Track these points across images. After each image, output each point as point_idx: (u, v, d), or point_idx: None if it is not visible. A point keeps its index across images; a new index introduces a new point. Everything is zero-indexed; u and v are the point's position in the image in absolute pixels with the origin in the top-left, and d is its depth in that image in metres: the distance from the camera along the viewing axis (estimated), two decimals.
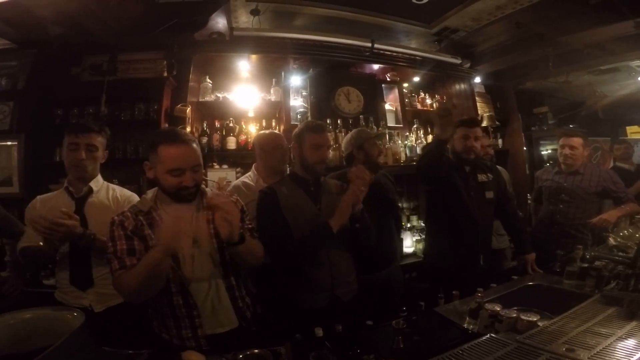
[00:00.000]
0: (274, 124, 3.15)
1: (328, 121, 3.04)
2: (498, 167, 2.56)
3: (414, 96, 3.76)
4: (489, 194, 2.13)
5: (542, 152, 4.64)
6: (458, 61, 3.60)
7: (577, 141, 2.54)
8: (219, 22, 2.63)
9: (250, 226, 1.49)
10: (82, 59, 2.85)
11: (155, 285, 1.22)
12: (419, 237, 3.06)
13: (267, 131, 2.49)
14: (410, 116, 3.58)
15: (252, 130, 3.10)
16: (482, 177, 2.14)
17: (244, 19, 2.74)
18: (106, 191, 1.76)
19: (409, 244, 3.09)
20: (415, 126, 3.50)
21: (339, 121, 3.15)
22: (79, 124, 1.75)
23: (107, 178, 1.84)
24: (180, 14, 2.43)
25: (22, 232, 1.73)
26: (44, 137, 2.69)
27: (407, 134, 3.43)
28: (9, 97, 2.76)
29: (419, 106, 3.73)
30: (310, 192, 1.71)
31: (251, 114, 3.12)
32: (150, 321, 1.39)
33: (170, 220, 1.20)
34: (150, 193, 1.40)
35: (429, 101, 3.81)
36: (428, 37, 3.15)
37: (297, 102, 3.18)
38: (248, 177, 2.19)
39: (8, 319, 1.13)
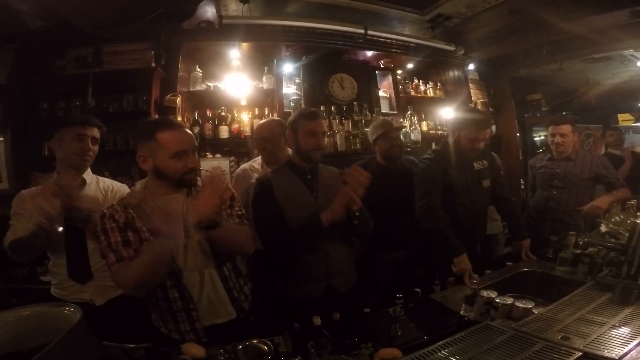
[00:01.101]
0: (266, 112, 3.11)
1: (322, 108, 3.02)
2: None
3: (408, 83, 3.74)
4: (486, 182, 2.11)
5: (535, 139, 4.67)
6: (452, 48, 3.56)
7: (566, 128, 2.55)
8: (208, 10, 2.56)
9: (239, 212, 1.45)
10: (66, 51, 2.76)
11: (158, 275, 1.22)
12: None
13: (266, 119, 2.47)
14: (404, 102, 3.57)
15: (245, 118, 3.06)
16: (478, 165, 2.12)
17: (234, 7, 2.67)
18: (97, 183, 1.77)
19: None
20: (409, 112, 3.49)
21: (332, 108, 3.14)
22: (85, 116, 1.75)
23: (99, 170, 1.84)
24: (167, 3, 2.36)
25: None
26: (30, 131, 2.63)
27: (401, 120, 3.41)
28: None
29: (412, 93, 3.72)
30: (306, 180, 1.69)
31: (243, 103, 3.07)
32: (150, 315, 1.39)
33: (165, 209, 1.19)
34: (138, 185, 1.38)
35: (422, 87, 3.79)
36: (422, 24, 3.12)
37: (290, 90, 3.15)
38: (256, 162, 2.22)
39: (6, 317, 1.10)
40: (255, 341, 1.18)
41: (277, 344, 1.18)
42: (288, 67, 3.12)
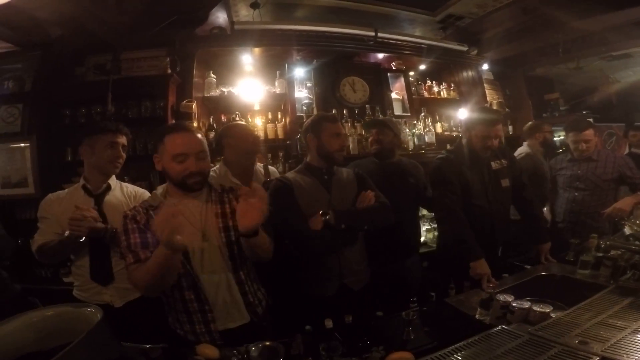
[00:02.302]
0: (279, 116, 3.14)
1: (334, 111, 3.00)
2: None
3: (421, 84, 3.70)
4: (505, 182, 2.05)
5: (554, 139, 4.55)
6: (464, 48, 3.52)
7: (589, 134, 2.46)
8: (219, 16, 2.63)
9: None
10: (85, 59, 2.87)
11: (167, 279, 1.24)
12: (430, 226, 3.03)
13: (236, 122, 2.49)
14: (417, 104, 3.53)
15: (259, 123, 3.10)
16: (496, 165, 2.06)
17: (244, 13, 2.73)
18: (120, 188, 1.83)
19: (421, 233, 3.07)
20: (422, 114, 3.44)
21: (344, 111, 3.13)
22: (116, 124, 1.80)
23: (119, 176, 1.89)
24: (180, 9, 2.42)
25: (11, 248, 1.79)
26: (54, 137, 2.73)
27: (415, 122, 3.39)
28: (17, 99, 2.79)
29: (426, 94, 3.69)
30: (324, 181, 1.75)
31: (257, 107, 3.11)
32: (166, 316, 1.41)
33: (166, 211, 1.16)
34: (160, 189, 1.43)
35: (436, 89, 3.75)
36: (433, 25, 3.10)
37: (302, 94, 3.17)
38: (214, 171, 2.04)
39: (30, 317, 1.13)
40: (267, 343, 1.19)
41: (289, 346, 1.19)
42: (299, 72, 3.14)
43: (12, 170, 2.72)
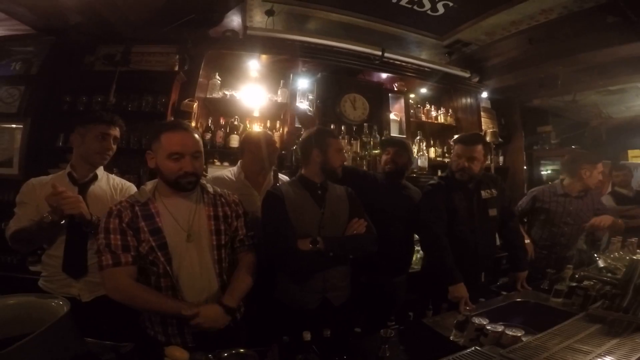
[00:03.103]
0: (278, 125, 3.17)
1: (332, 126, 3.05)
2: None
3: (420, 107, 3.78)
4: (492, 212, 2.09)
5: (542, 172, 4.64)
6: (467, 75, 3.60)
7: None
8: (234, 20, 2.67)
9: (251, 234, 1.51)
10: (97, 48, 2.89)
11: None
12: (415, 248, 3.04)
13: (259, 130, 2.53)
14: (414, 127, 3.59)
15: (256, 129, 3.11)
16: (485, 194, 2.10)
17: (259, 19, 2.77)
18: (107, 180, 1.79)
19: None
20: (418, 138, 3.49)
21: (342, 127, 3.15)
22: (111, 115, 1.77)
23: (108, 167, 1.86)
24: (197, 9, 2.46)
25: None
26: (49, 122, 2.73)
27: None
28: (21, 81, 2.80)
29: (423, 118, 3.76)
30: (316, 196, 1.73)
31: (256, 114, 3.14)
32: (137, 314, 1.38)
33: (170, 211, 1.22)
34: (149, 184, 1.41)
35: (434, 113, 3.83)
36: (439, 49, 3.16)
37: (303, 105, 3.19)
38: (230, 171, 2.14)
39: None
40: (242, 350, 1.16)
41: (264, 355, 1.17)
42: (303, 83, 3.18)
43: (1, 149, 2.70)
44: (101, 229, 1.28)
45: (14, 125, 2.70)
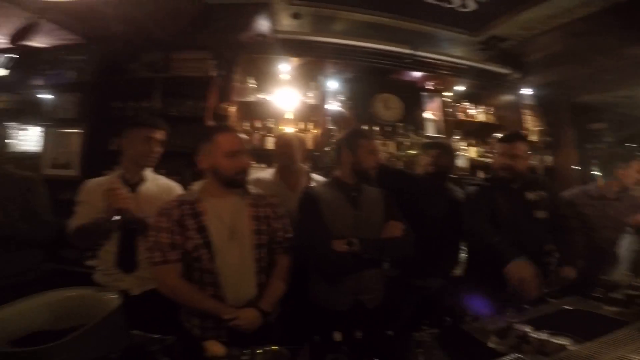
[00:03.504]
0: (311, 126, 3.19)
1: (365, 127, 3.04)
2: None
3: (457, 106, 3.63)
4: (540, 214, 1.97)
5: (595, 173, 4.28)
6: (506, 71, 3.42)
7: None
8: (263, 24, 2.73)
9: (290, 236, 1.55)
10: (139, 56, 3.06)
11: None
12: None
13: (286, 131, 2.59)
14: (452, 126, 3.47)
15: (289, 131, 3.15)
16: (531, 195, 1.99)
17: (286, 23, 2.81)
18: (154, 180, 1.88)
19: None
20: (457, 137, 3.37)
21: (375, 128, 3.13)
22: (154, 119, 1.88)
23: (156, 169, 1.96)
24: (227, 15, 2.56)
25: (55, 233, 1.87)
26: (103, 126, 2.92)
27: None
28: (76, 88, 3.04)
29: (461, 116, 3.61)
30: (350, 198, 1.71)
31: (289, 116, 3.18)
32: (179, 308, 1.44)
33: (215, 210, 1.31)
34: (197, 185, 1.51)
35: (472, 111, 3.68)
36: (474, 45, 3.04)
37: (335, 106, 3.19)
38: (267, 173, 2.24)
39: (51, 297, 1.18)
40: (275, 348, 1.18)
41: (295, 354, 1.18)
42: (333, 84, 3.19)
43: (61, 152, 2.95)
44: (152, 227, 1.38)
45: (72, 130, 2.94)
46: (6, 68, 3.18)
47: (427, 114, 3.44)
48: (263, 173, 2.27)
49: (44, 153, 2.99)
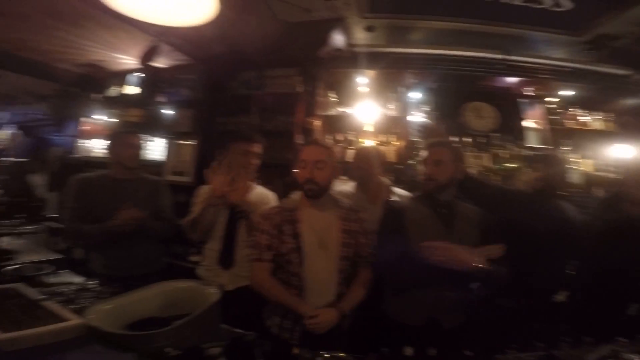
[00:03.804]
0: (392, 139, 3.17)
1: (454, 139, 2.90)
2: None
3: (565, 113, 3.21)
4: None
5: None
6: (625, 72, 2.91)
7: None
8: (339, 39, 2.81)
9: (372, 252, 1.57)
10: (237, 74, 3.40)
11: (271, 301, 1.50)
12: None
13: (364, 145, 2.63)
14: (559, 135, 3.08)
15: (369, 144, 3.14)
16: None
17: (361, 36, 2.85)
18: (253, 190, 2.05)
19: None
20: (566, 148, 2.97)
21: (468, 139, 2.96)
22: (249, 134, 2.04)
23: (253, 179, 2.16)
24: (307, 33, 2.69)
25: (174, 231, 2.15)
26: (211, 140, 3.31)
27: None
28: (190, 105, 3.53)
29: (571, 124, 3.17)
30: (441, 214, 1.60)
31: (370, 129, 3.19)
32: (263, 306, 1.57)
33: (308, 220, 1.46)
34: (296, 195, 1.66)
35: (585, 118, 3.20)
36: (578, 46, 2.66)
37: (418, 118, 3.12)
38: (350, 186, 2.27)
39: (165, 287, 1.35)
40: (342, 355, 1.19)
41: None
42: (415, 94, 3.12)
43: (179, 161, 3.45)
44: (256, 227, 1.59)
45: (188, 142, 3.42)
46: (137, 86, 3.84)
47: (527, 123, 3.12)
48: (344, 186, 2.31)
49: (166, 161, 3.52)
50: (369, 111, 3.13)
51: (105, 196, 2.00)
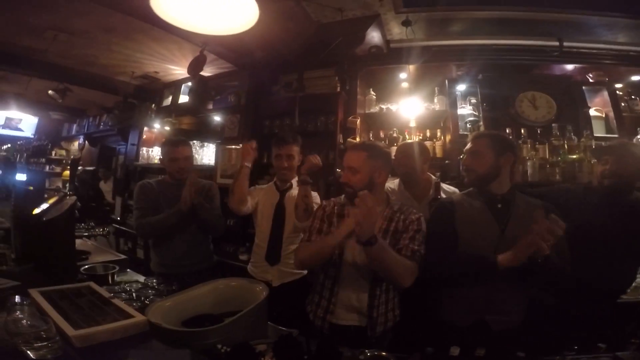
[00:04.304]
0: (438, 133, 3.07)
1: (508, 130, 2.73)
2: None
3: (635, 99, 2.89)
4: None
5: None
6: None
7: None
8: (375, 36, 2.76)
9: (416, 247, 1.44)
10: (279, 78, 3.49)
11: (318, 261, 1.52)
12: None
13: (406, 141, 2.56)
14: (630, 123, 2.80)
15: (412, 140, 3.08)
16: None
17: (397, 31, 2.79)
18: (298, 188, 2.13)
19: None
20: (639, 136, 2.67)
21: (522, 130, 2.75)
22: (281, 138, 2.11)
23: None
24: (341, 32, 2.68)
25: (224, 227, 2.28)
26: (258, 143, 3.44)
27: None
28: (236, 111, 3.69)
29: None
30: (495, 210, 1.51)
31: (413, 124, 3.12)
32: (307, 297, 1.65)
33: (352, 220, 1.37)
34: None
35: None
36: None
37: (465, 111, 2.98)
38: (393, 183, 2.23)
39: (218, 284, 1.40)
40: (383, 353, 1.16)
41: None
42: (461, 87, 2.99)
43: (228, 165, 3.62)
44: (312, 214, 1.69)
45: (235, 146, 3.57)
46: (187, 95, 4.09)
47: (591, 111, 2.84)
48: (389, 183, 2.27)
49: (217, 165, 3.72)
50: (412, 107, 3.06)
51: (164, 199, 2.17)
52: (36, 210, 1.68)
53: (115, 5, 2.50)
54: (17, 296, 1.14)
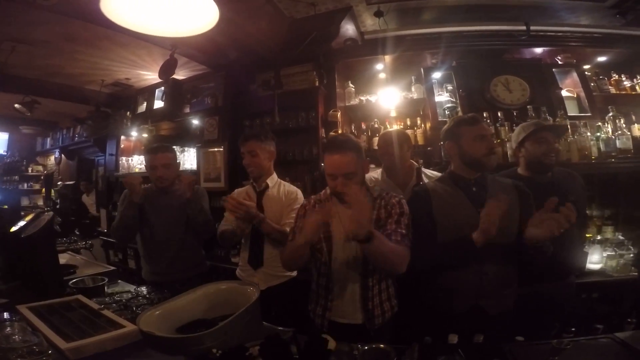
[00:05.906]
0: (418, 121, 3.10)
1: (485, 115, 2.77)
2: None
3: (604, 79, 2.99)
4: None
5: None
6: None
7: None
8: (349, 29, 2.78)
9: (404, 231, 1.43)
10: (255, 76, 3.44)
11: (297, 262, 1.52)
12: (613, 253, 2.42)
13: (387, 130, 2.57)
14: (601, 102, 2.88)
15: (394, 129, 3.10)
16: None
17: (370, 22, 2.81)
18: (278, 187, 2.09)
19: (596, 259, 2.45)
20: (610, 114, 2.73)
21: (499, 114, 2.81)
22: (242, 136, 2.11)
23: (282, 175, 2.22)
24: (315, 26, 2.68)
25: (213, 232, 2.23)
26: (237, 144, 3.45)
27: (599, 124, 2.72)
28: (214, 112, 3.61)
29: (613, 90, 2.97)
30: (471, 193, 1.55)
31: (393, 114, 3.15)
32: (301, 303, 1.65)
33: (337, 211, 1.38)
34: (329, 189, 1.64)
35: (627, 83, 2.97)
36: (603, 12, 2.48)
37: (443, 97, 3.03)
38: (377, 173, 2.26)
39: (209, 289, 1.39)
40: (381, 345, 1.14)
41: (402, 353, 1.13)
42: (437, 74, 3.04)
43: (211, 168, 3.56)
44: (296, 214, 1.68)
45: (217, 149, 3.51)
46: (162, 99, 4.00)
47: (563, 92, 2.93)
48: (372, 173, 2.31)
49: (199, 170, 3.66)
50: (391, 97, 3.08)
51: (149, 206, 2.18)
52: (14, 228, 1.64)
53: (71, 12, 2.39)
54: (5, 313, 1.12)
